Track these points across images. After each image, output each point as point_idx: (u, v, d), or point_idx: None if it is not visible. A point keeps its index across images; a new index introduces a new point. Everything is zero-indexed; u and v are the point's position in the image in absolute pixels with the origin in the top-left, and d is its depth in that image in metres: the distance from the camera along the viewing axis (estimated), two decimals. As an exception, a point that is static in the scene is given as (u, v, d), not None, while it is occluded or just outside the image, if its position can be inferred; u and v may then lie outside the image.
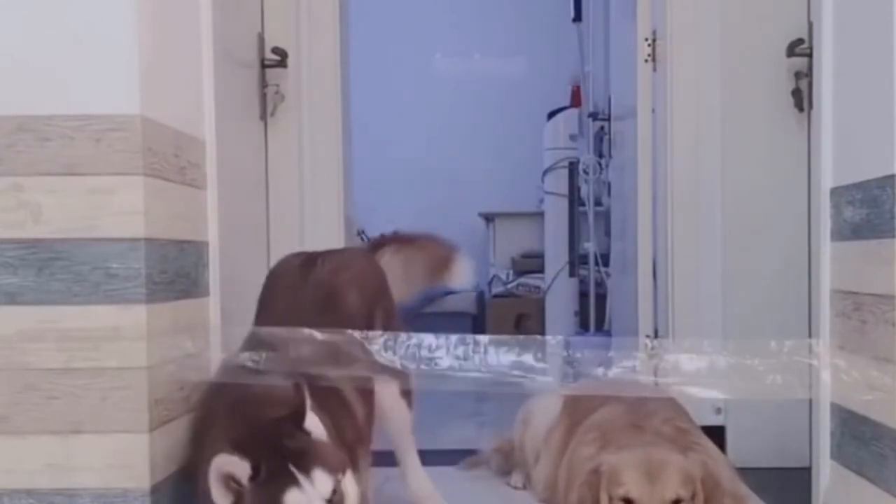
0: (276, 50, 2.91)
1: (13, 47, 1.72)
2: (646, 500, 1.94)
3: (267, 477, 1.57)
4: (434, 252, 2.57)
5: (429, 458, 2.42)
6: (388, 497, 2.35)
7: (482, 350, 2.04)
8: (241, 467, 1.56)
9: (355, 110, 3.38)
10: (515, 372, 2.05)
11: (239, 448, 1.59)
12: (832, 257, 2.02)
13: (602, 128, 4.89)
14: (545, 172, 5.47)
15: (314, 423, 1.69)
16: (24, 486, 1.72)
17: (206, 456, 1.63)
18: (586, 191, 5.23)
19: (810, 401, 2.12)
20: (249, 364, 1.89)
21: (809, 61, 2.65)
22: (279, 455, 1.59)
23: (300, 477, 1.58)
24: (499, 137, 6.65)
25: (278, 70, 2.93)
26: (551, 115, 5.65)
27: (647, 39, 3.17)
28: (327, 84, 3.09)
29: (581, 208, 5.27)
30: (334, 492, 1.61)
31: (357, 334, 1.98)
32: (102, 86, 1.72)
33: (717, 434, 2.67)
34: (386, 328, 2.16)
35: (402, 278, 2.43)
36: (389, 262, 2.42)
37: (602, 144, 5.00)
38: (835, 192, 2.00)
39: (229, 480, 1.57)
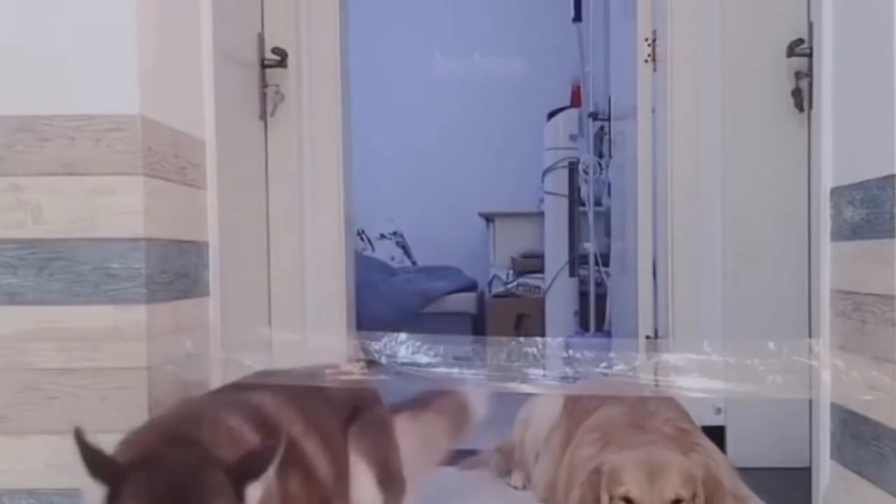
0: (276, 50, 2.91)
1: (13, 47, 1.72)
2: (646, 499, 1.94)
3: None
4: (451, 409, 2.26)
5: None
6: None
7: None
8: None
9: (355, 110, 3.38)
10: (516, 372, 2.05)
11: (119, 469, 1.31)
12: (832, 257, 2.02)
13: (602, 128, 4.88)
14: (545, 172, 5.47)
15: (254, 495, 1.36)
16: (24, 486, 1.73)
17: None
18: (586, 191, 5.22)
19: (810, 401, 2.12)
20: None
21: (809, 61, 2.65)
22: None
23: None
24: (499, 137, 6.65)
25: (278, 70, 2.93)
26: (551, 115, 5.65)
27: (647, 39, 3.17)
28: (327, 84, 3.09)
29: (581, 208, 5.27)
30: None
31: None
32: (102, 86, 1.72)
33: (717, 434, 2.67)
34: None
35: (422, 449, 2.16)
36: (406, 431, 2.11)
37: (602, 144, 5.00)
38: (835, 192, 2.00)
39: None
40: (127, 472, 1.31)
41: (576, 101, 5.71)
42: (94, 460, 1.33)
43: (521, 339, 2.10)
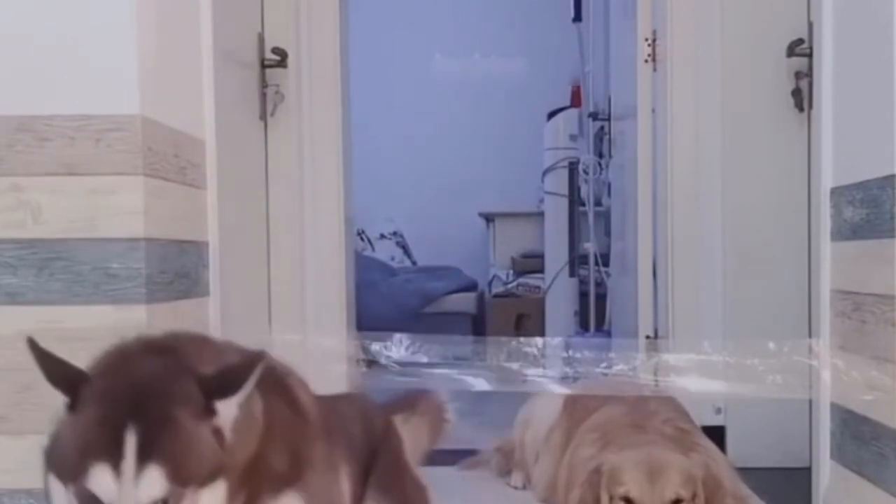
0: (276, 50, 2.91)
1: (13, 47, 1.72)
2: (646, 499, 1.94)
3: (87, 425, 1.19)
4: (432, 412, 2.25)
5: (429, 457, 2.42)
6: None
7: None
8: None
9: (355, 110, 3.38)
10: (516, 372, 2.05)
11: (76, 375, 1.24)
12: (832, 257, 2.02)
13: (602, 128, 4.89)
14: (545, 172, 5.47)
15: (227, 412, 1.24)
16: (24, 486, 1.72)
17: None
18: (586, 191, 5.23)
19: (810, 401, 2.12)
20: None
21: (809, 61, 2.65)
22: (122, 411, 1.17)
23: (126, 461, 1.14)
24: (499, 137, 6.65)
25: (278, 70, 2.93)
26: (551, 115, 5.65)
27: (647, 39, 3.18)
28: (327, 84, 3.09)
29: (581, 208, 5.27)
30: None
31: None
32: (102, 86, 1.72)
33: (717, 434, 2.67)
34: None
35: (411, 453, 2.07)
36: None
37: (602, 144, 5.00)
38: (835, 192, 2.00)
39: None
40: (88, 378, 1.24)
41: (576, 101, 5.72)
42: (53, 368, 1.26)
43: (521, 339, 2.10)
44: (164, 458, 1.15)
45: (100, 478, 1.14)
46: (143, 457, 1.14)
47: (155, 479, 1.14)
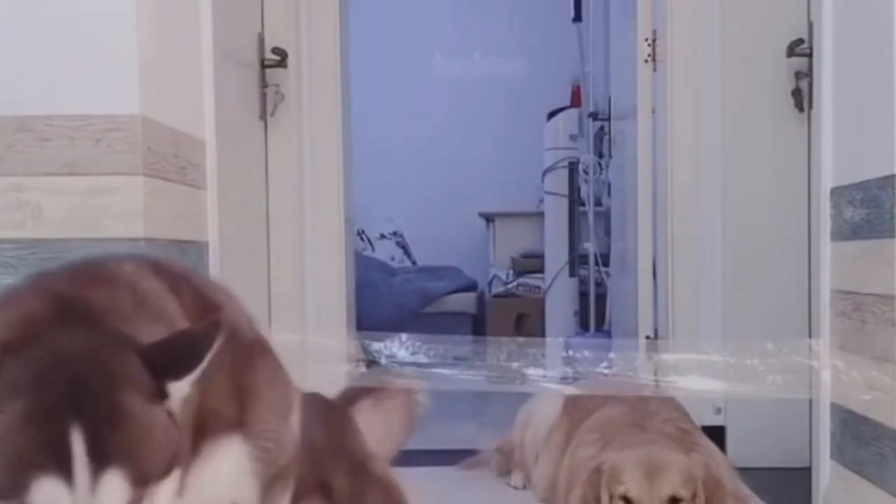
0: (276, 50, 2.91)
1: (13, 47, 1.72)
2: (645, 498, 1.94)
3: (15, 428, 0.92)
4: (405, 395, 2.07)
5: (429, 458, 2.42)
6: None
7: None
8: None
9: (355, 110, 3.38)
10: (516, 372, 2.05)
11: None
12: (832, 257, 2.02)
13: (602, 128, 4.89)
14: (545, 172, 5.47)
15: (180, 392, 1.01)
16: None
17: None
18: (586, 191, 5.23)
19: (810, 401, 2.12)
20: None
21: (809, 61, 2.65)
22: (60, 405, 0.93)
23: (77, 469, 0.91)
24: (499, 137, 6.65)
25: (278, 70, 2.93)
26: (551, 115, 5.65)
27: (647, 39, 3.18)
28: (327, 84, 3.09)
29: (581, 208, 5.27)
30: None
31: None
32: (102, 86, 1.72)
33: (717, 434, 2.67)
34: None
35: (384, 436, 1.93)
36: (369, 419, 1.86)
37: (602, 144, 5.00)
38: (835, 192, 2.00)
39: None
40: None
41: (576, 101, 5.71)
42: None
43: (521, 339, 2.10)
44: (123, 458, 0.93)
45: (47, 494, 0.91)
46: (98, 461, 0.92)
47: (116, 486, 0.93)
